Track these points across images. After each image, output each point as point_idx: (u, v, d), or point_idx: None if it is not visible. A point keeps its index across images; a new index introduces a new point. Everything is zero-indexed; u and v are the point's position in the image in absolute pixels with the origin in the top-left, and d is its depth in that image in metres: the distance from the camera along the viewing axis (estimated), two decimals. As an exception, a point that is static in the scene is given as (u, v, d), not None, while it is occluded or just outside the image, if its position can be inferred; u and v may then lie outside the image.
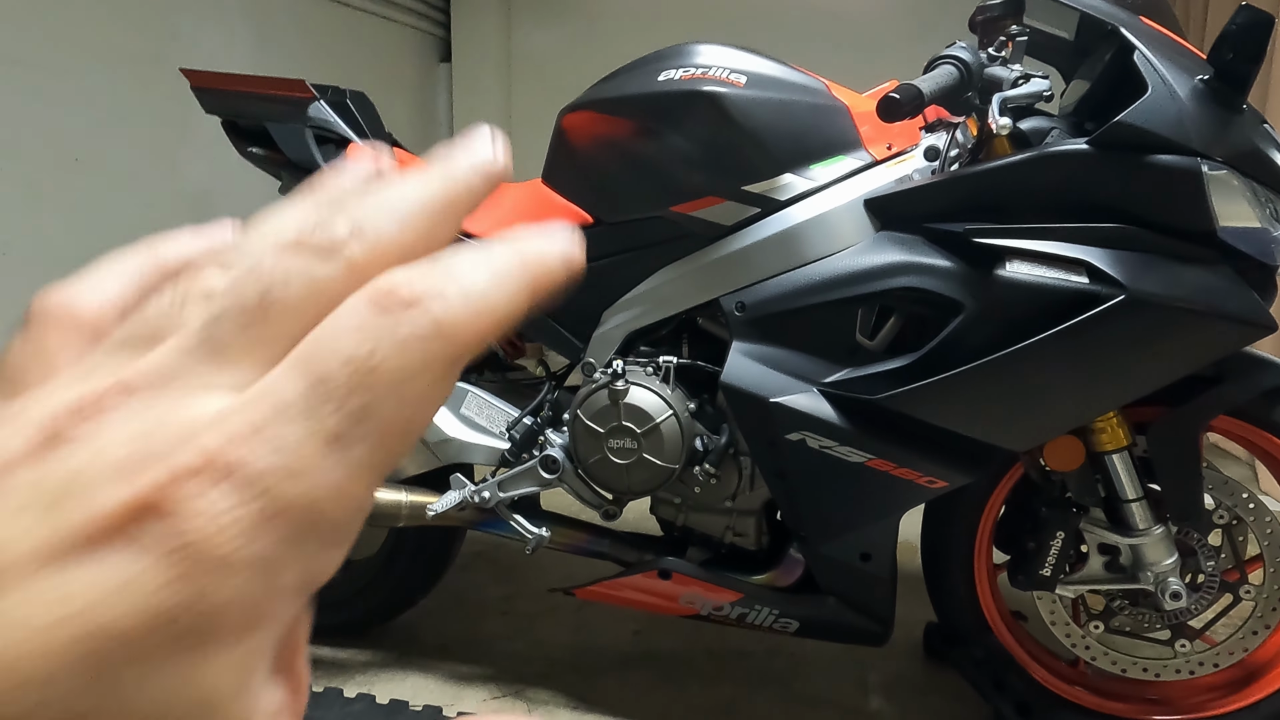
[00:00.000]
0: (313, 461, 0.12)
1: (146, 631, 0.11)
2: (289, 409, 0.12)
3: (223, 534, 0.11)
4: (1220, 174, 1.11)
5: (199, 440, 0.12)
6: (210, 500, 0.11)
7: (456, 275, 0.14)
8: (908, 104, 1.11)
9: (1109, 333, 1.11)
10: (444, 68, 5.73)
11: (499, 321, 0.14)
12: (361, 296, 0.13)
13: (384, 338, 0.13)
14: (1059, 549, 1.30)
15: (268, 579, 0.12)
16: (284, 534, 0.12)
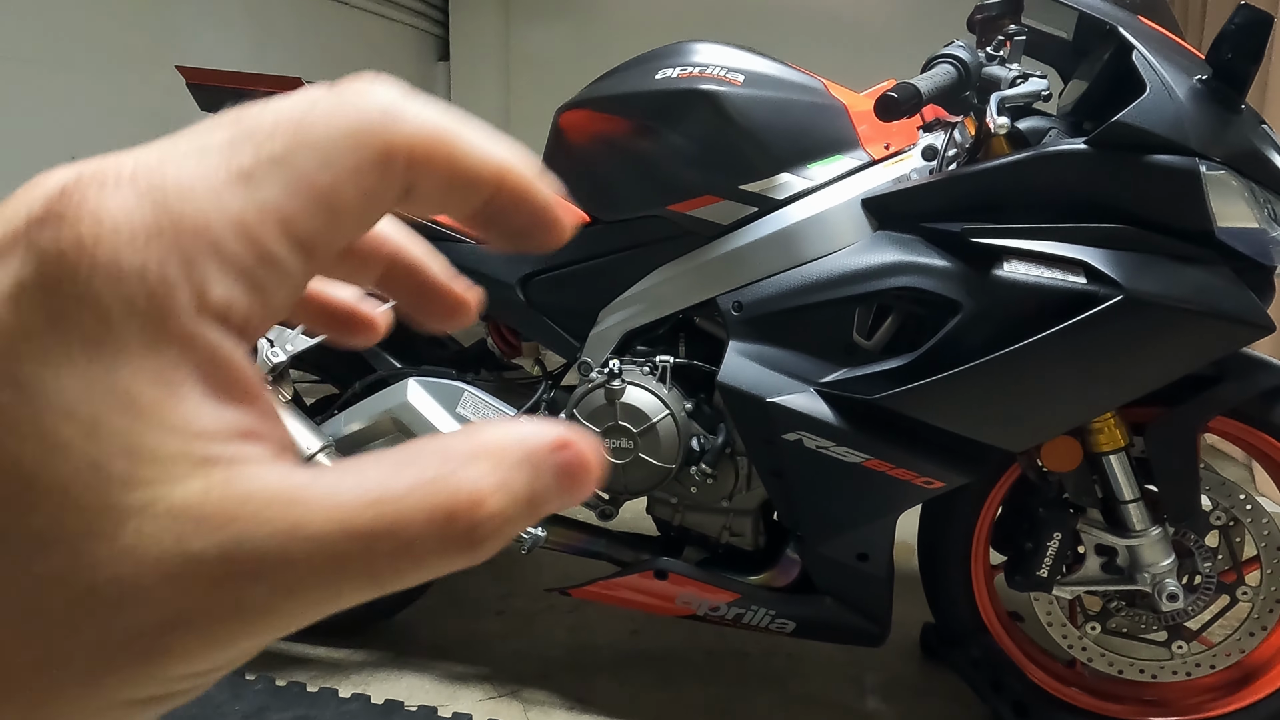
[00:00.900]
0: (216, 187, 0.13)
1: (36, 329, 0.12)
2: (210, 148, 0.13)
3: (112, 234, 0.12)
4: (1218, 174, 1.10)
5: (122, 165, 0.13)
6: (107, 201, 0.12)
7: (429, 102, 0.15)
8: (905, 103, 1.11)
9: (1106, 333, 1.11)
10: (442, 66, 5.72)
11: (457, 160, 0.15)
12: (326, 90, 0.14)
13: (325, 102, 0.14)
14: (1056, 550, 1.30)
15: (160, 292, 0.12)
16: (176, 247, 0.12)
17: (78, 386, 0.12)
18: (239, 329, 0.13)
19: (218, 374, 0.13)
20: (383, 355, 1.62)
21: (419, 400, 1.52)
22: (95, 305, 0.12)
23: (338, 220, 0.14)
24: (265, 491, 0.12)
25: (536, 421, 0.14)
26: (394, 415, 1.53)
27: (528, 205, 0.16)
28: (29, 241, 0.12)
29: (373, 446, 1.58)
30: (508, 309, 1.50)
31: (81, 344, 0.12)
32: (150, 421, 0.12)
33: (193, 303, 0.12)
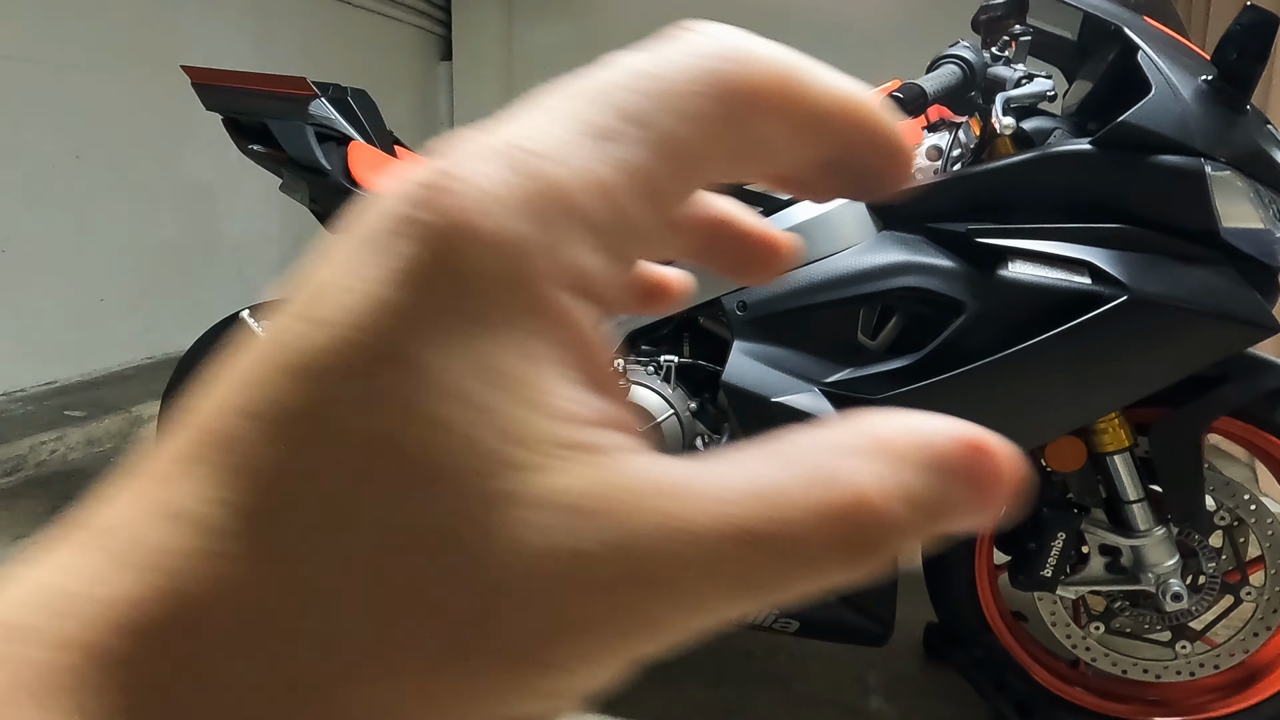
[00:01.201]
0: (579, 151, 0.12)
1: (424, 308, 0.11)
2: (570, 112, 0.13)
3: (485, 208, 0.11)
4: (1224, 174, 1.10)
5: (492, 138, 0.12)
6: (478, 175, 0.12)
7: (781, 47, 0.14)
8: (911, 103, 1.11)
9: (1111, 333, 1.11)
10: (445, 66, 5.73)
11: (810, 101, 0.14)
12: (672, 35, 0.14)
13: (670, 50, 0.13)
14: (1060, 550, 1.30)
15: (526, 259, 0.12)
16: (538, 213, 0.12)
17: (460, 364, 0.11)
18: (599, 301, 0.12)
19: (582, 353, 0.12)
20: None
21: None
22: (475, 279, 0.11)
23: (692, 175, 0.13)
24: (646, 482, 0.11)
25: (938, 417, 0.12)
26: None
27: (879, 142, 0.15)
28: (413, 219, 0.12)
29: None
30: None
31: (461, 319, 0.11)
32: (524, 400, 0.11)
33: (562, 274, 0.12)
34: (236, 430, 0.11)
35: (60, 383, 3.23)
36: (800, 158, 0.15)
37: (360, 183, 1.53)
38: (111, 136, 3.37)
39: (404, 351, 0.11)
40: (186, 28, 3.71)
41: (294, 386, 0.11)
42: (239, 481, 0.11)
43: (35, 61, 3.07)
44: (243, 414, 0.11)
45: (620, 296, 0.13)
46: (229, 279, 4.00)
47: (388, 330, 0.11)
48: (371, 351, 0.11)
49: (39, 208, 3.12)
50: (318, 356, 0.11)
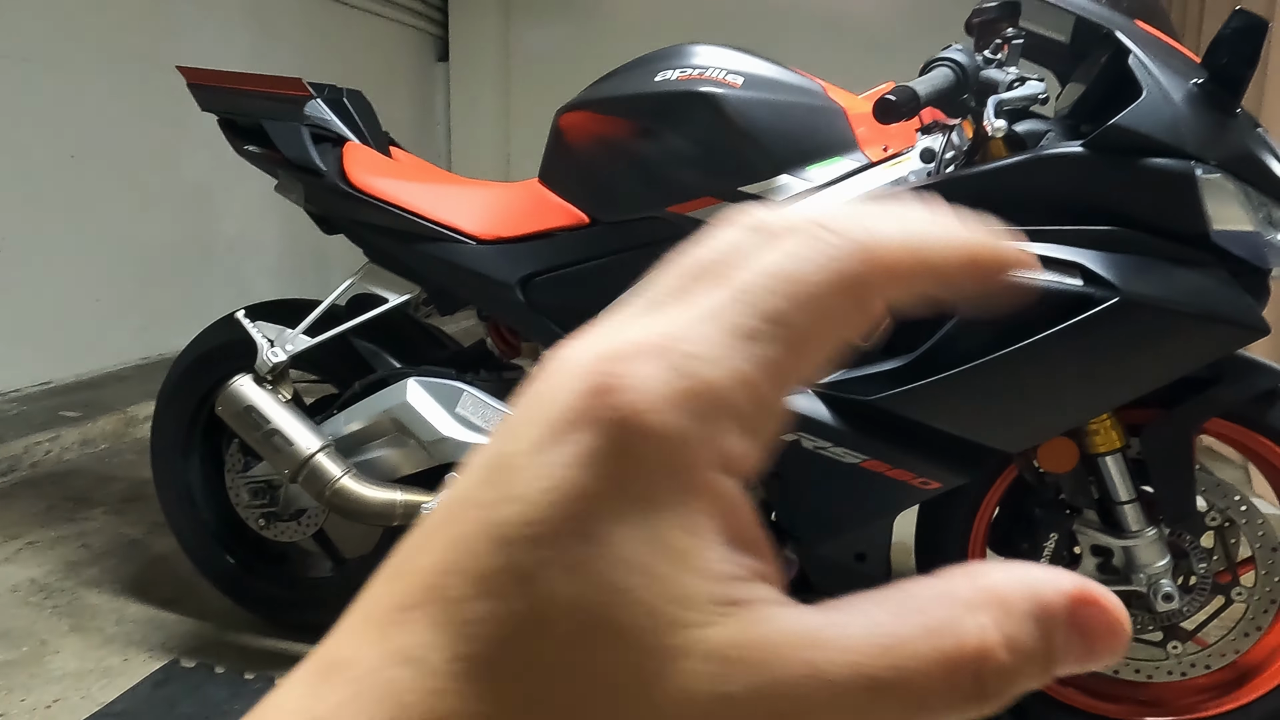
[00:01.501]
0: (725, 351, 0.14)
1: (605, 490, 0.13)
2: (715, 312, 0.14)
3: (651, 404, 0.13)
4: (1214, 177, 1.11)
5: (648, 335, 0.14)
6: (642, 374, 0.14)
7: (897, 215, 0.15)
8: (904, 106, 1.12)
9: (1103, 335, 1.11)
10: (441, 67, 5.73)
11: (931, 268, 0.15)
12: (800, 230, 0.15)
13: (805, 254, 0.15)
14: (1052, 550, 1.30)
15: (686, 449, 0.13)
16: (697, 409, 0.14)
17: (635, 538, 0.13)
18: (745, 476, 0.14)
19: (733, 521, 0.14)
20: (382, 355, 1.62)
21: (418, 400, 1.52)
22: (645, 466, 0.13)
23: (822, 359, 0.15)
24: (786, 633, 0.13)
25: (1050, 570, 0.14)
26: (393, 415, 1.54)
27: (995, 273, 0.16)
28: (594, 415, 0.13)
29: (372, 446, 1.58)
30: (507, 309, 1.50)
31: (635, 500, 0.13)
32: (687, 567, 0.13)
33: (715, 458, 0.14)
34: (451, 587, 0.13)
35: (55, 383, 3.23)
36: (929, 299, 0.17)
37: (355, 184, 1.54)
38: (107, 137, 3.37)
39: (590, 528, 0.13)
40: (183, 28, 3.71)
41: (499, 552, 0.13)
42: (453, 630, 0.13)
43: (31, 61, 3.06)
44: (455, 573, 0.13)
45: (760, 465, 0.15)
46: (224, 279, 3.99)
47: (575, 509, 0.13)
48: (563, 527, 0.13)
49: (34, 208, 3.11)
50: (519, 528, 0.13)
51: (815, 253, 0.15)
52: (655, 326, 0.14)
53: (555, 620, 0.13)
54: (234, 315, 1.63)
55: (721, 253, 0.15)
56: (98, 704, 1.51)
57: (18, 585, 1.93)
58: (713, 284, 0.15)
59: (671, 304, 0.15)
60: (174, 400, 1.76)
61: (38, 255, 3.15)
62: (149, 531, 2.19)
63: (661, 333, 0.14)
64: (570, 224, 1.46)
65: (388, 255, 1.57)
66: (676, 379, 0.14)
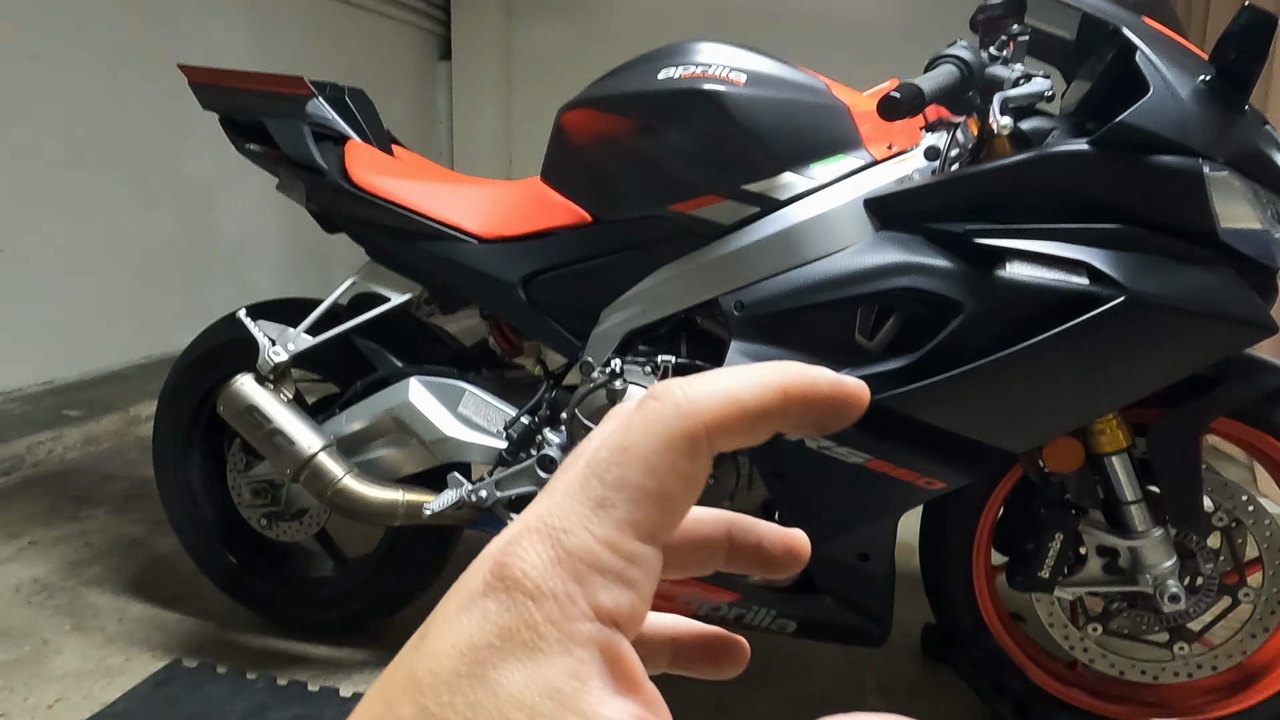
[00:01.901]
0: (585, 520, 0.17)
1: (499, 644, 0.16)
2: (573, 487, 0.18)
3: (532, 573, 0.17)
4: (1222, 175, 1.10)
5: (531, 519, 0.18)
6: (526, 551, 0.17)
7: (709, 375, 0.19)
8: (908, 103, 1.11)
9: (1109, 334, 1.11)
10: (444, 65, 5.72)
11: (745, 408, 0.18)
12: (638, 403, 0.18)
13: (633, 424, 0.18)
14: (1057, 550, 1.30)
15: (567, 605, 0.16)
16: (572, 573, 0.17)
17: (521, 682, 0.16)
18: (625, 624, 0.17)
19: (614, 667, 0.16)
20: (384, 354, 1.62)
21: (420, 400, 1.52)
22: (529, 621, 0.16)
23: (671, 508, 0.18)
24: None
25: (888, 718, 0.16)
26: (395, 414, 1.53)
27: (817, 399, 0.19)
28: (493, 587, 0.17)
29: (374, 445, 1.58)
30: (509, 308, 1.50)
31: (523, 650, 0.16)
32: (569, 708, 0.15)
33: (589, 609, 0.16)
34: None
35: (57, 382, 3.23)
36: (763, 440, 0.19)
37: (357, 182, 1.53)
38: (109, 135, 3.37)
39: (485, 673, 0.16)
40: (185, 26, 3.71)
41: (410, 699, 0.16)
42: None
43: (33, 59, 3.06)
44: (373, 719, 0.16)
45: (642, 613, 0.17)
46: (226, 278, 3.99)
47: (473, 658, 0.16)
48: (464, 673, 0.16)
49: (36, 207, 3.11)
50: (427, 677, 0.16)
51: (642, 420, 0.18)
52: (536, 510, 0.18)
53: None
54: (235, 314, 1.62)
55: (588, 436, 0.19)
56: (100, 703, 1.50)
57: (20, 584, 1.93)
58: (573, 462, 0.18)
59: (551, 486, 0.18)
60: (176, 399, 1.75)
61: (40, 254, 3.14)
62: (151, 531, 2.19)
63: (538, 515, 0.17)
64: (572, 222, 1.45)
65: (389, 254, 1.57)
66: (551, 551, 0.17)
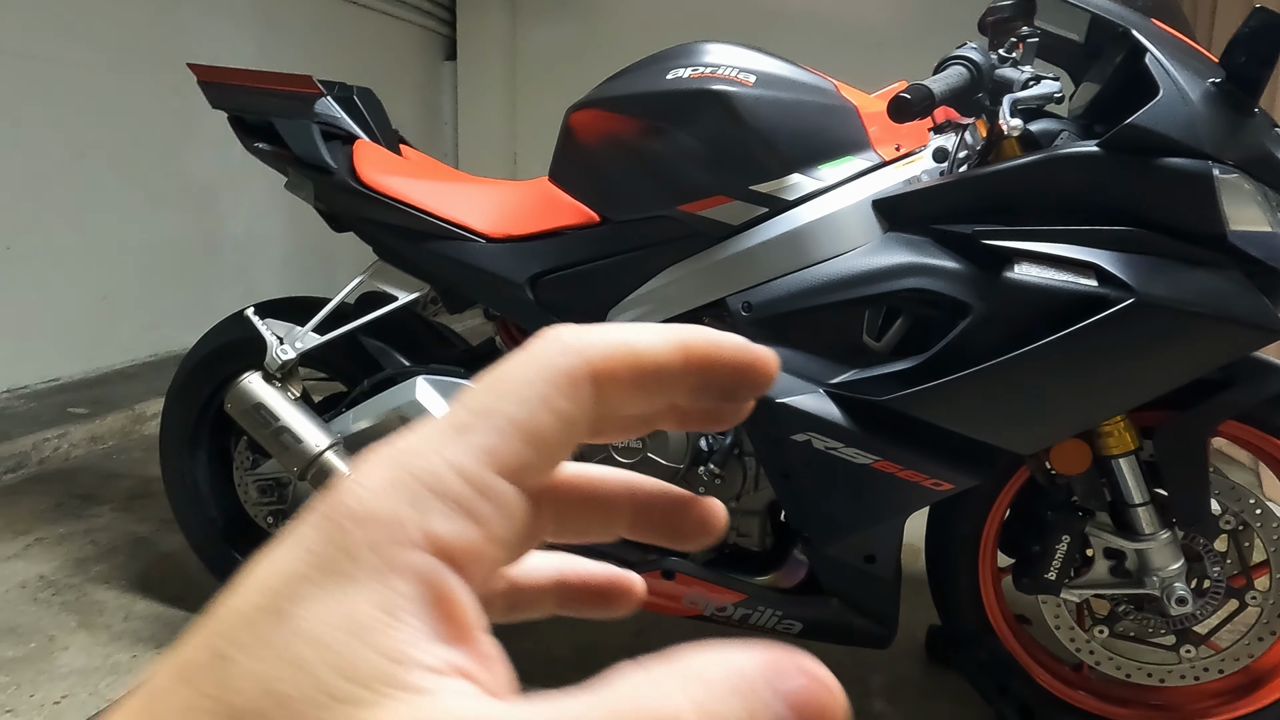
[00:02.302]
0: (437, 443, 0.15)
1: (307, 572, 0.14)
2: (438, 420, 0.16)
3: (363, 495, 0.15)
4: (1231, 177, 1.10)
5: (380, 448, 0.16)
6: (362, 475, 0.15)
7: (607, 325, 0.17)
8: (919, 104, 1.11)
9: (1117, 336, 1.11)
10: (449, 65, 5.73)
11: (638, 356, 0.17)
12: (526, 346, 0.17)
13: (517, 360, 0.17)
14: (1064, 553, 1.30)
15: (394, 529, 0.14)
16: (408, 496, 0.15)
17: (323, 612, 0.14)
18: (464, 563, 0.15)
19: (440, 608, 0.14)
20: (391, 353, 1.62)
21: (427, 399, 1.52)
22: (344, 545, 0.14)
23: (542, 446, 0.16)
24: (451, 718, 0.13)
25: (743, 646, 0.14)
26: (402, 414, 1.54)
27: (721, 363, 0.18)
28: (315, 514, 0.15)
29: (381, 444, 1.58)
30: (517, 308, 1.50)
31: (331, 577, 0.14)
32: (367, 643, 0.13)
33: (420, 536, 0.14)
34: (159, 680, 0.14)
35: (64, 380, 3.23)
36: (659, 402, 0.18)
37: (365, 181, 1.53)
38: (115, 134, 3.38)
39: (284, 605, 0.14)
40: (191, 26, 3.71)
41: (205, 643, 0.14)
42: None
43: (39, 59, 3.07)
44: (168, 669, 0.14)
45: (491, 557, 0.15)
46: (232, 277, 4.00)
47: (276, 591, 0.14)
48: (262, 607, 0.14)
49: (43, 206, 3.12)
50: (224, 616, 0.14)
51: (523, 355, 0.17)
52: (391, 441, 0.16)
53: (240, 697, 0.13)
54: (243, 313, 1.63)
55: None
56: (105, 700, 1.51)
57: (26, 581, 1.93)
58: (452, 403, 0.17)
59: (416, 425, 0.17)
60: (182, 397, 1.76)
61: (46, 253, 3.15)
62: (157, 529, 2.20)
63: (391, 443, 0.16)
64: (580, 223, 1.45)
65: (397, 253, 1.57)
66: (389, 473, 0.15)
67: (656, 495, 0.22)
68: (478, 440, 0.15)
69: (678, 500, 0.22)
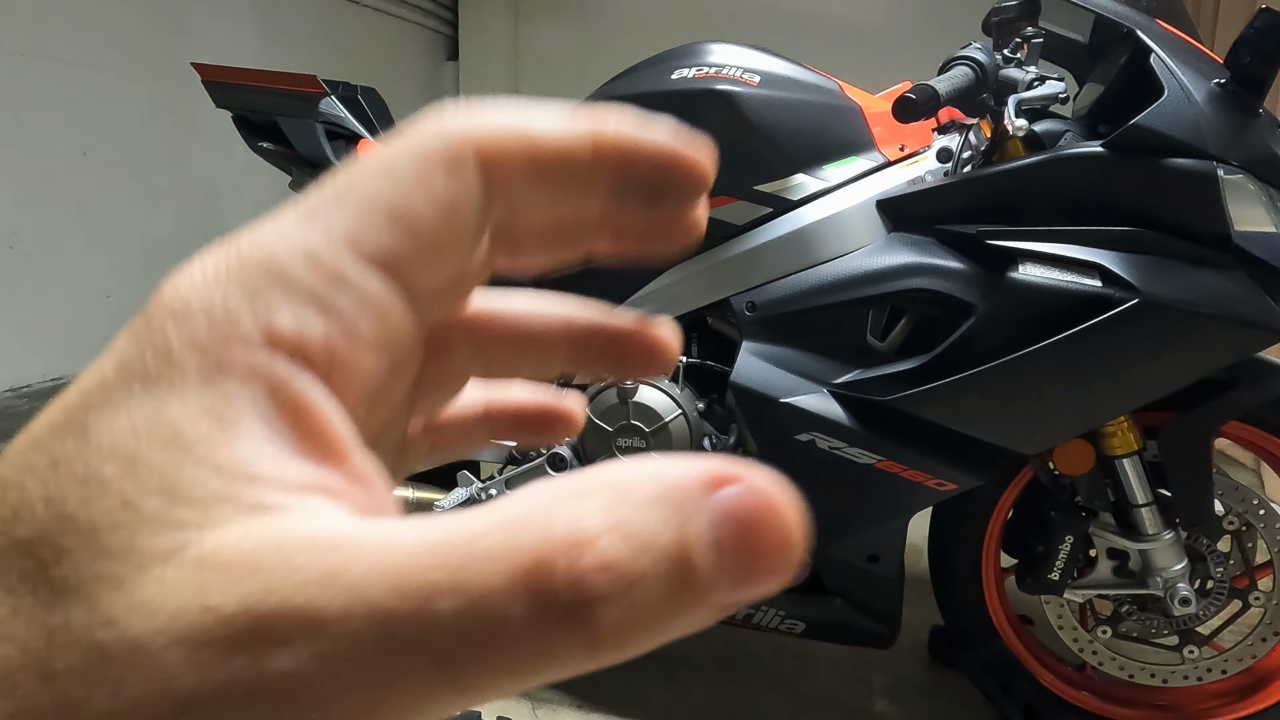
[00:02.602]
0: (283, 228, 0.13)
1: (115, 379, 0.12)
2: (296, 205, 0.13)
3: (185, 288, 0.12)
4: (1236, 178, 1.10)
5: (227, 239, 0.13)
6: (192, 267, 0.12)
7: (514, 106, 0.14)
8: (924, 104, 1.11)
9: (1121, 337, 1.11)
10: (451, 66, 5.73)
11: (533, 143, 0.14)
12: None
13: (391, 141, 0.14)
14: (1067, 553, 1.30)
15: (222, 325, 0.12)
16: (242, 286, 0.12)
17: (125, 424, 0.11)
18: (319, 363, 0.12)
19: (290, 416, 0.12)
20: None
21: (431, 398, 1.52)
22: (159, 345, 0.12)
23: (414, 228, 0.13)
24: (304, 537, 0.10)
25: (683, 458, 0.11)
26: (406, 412, 1.54)
27: (638, 156, 0.14)
28: (141, 312, 0.12)
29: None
30: (520, 307, 1.50)
31: (141, 383, 0.11)
32: (194, 458, 0.11)
33: (256, 332, 0.12)
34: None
35: (66, 379, 3.24)
36: (562, 199, 0.14)
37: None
38: (119, 134, 3.38)
39: (82, 418, 0.11)
40: (194, 26, 3.72)
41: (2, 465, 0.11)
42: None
43: (43, 58, 3.07)
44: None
45: (354, 357, 0.13)
46: (235, 277, 4.00)
47: (76, 403, 0.12)
48: (57, 423, 0.11)
49: (46, 205, 3.12)
50: (17, 442, 0.12)
51: (398, 137, 0.14)
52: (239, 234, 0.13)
53: (24, 528, 0.11)
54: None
55: None
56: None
57: (29, 580, 1.94)
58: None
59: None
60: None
61: (49, 252, 3.16)
62: (160, 527, 2.20)
63: (236, 236, 0.13)
64: None
65: (401, 253, 1.57)
66: (220, 261, 0.12)
67: (596, 324, 0.19)
68: (332, 223, 0.13)
69: (621, 327, 0.19)
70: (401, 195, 0.13)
